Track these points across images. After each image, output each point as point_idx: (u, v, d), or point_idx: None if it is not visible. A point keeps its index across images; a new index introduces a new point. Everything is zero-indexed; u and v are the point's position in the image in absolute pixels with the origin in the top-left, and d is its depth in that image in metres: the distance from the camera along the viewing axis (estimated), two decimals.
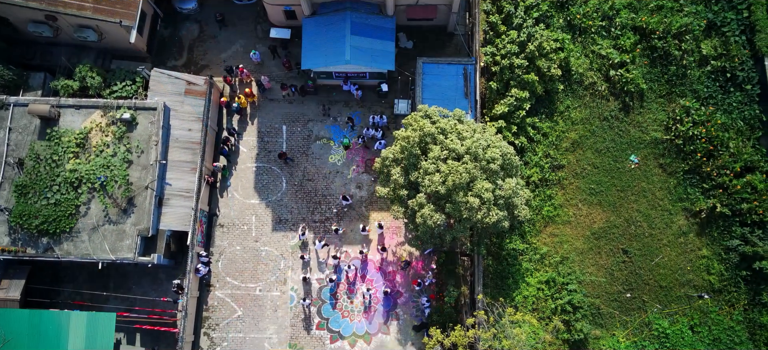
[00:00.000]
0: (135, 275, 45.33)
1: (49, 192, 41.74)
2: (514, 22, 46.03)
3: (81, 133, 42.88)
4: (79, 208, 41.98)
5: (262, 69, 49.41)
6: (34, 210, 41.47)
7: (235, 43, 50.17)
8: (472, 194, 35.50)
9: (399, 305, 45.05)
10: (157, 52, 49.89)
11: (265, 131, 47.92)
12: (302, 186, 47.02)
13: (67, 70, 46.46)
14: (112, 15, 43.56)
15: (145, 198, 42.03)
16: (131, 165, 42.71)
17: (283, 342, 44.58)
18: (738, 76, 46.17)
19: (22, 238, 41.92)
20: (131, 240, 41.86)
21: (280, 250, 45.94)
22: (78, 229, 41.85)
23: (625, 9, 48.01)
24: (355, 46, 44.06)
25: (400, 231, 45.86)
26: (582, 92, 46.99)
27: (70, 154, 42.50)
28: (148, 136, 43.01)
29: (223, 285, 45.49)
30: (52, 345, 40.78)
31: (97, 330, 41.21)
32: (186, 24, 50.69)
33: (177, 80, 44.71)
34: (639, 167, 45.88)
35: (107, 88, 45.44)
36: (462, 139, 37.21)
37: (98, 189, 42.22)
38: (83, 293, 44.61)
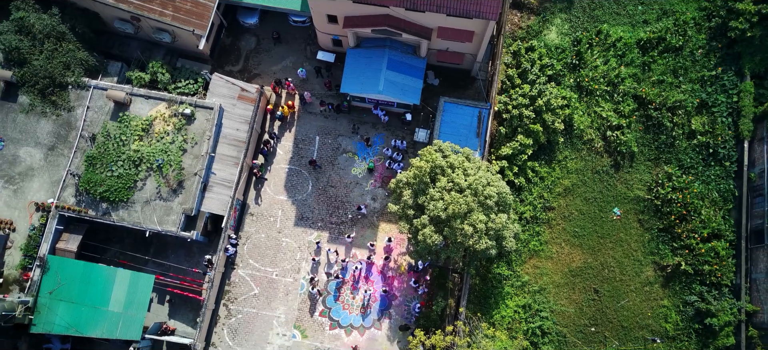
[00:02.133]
0: (173, 246, 51.45)
1: (114, 166, 48.34)
2: (529, 78, 51.91)
3: (147, 119, 49.44)
4: (137, 183, 48.51)
5: (306, 85, 54.95)
6: (100, 180, 48.06)
7: (286, 59, 55.93)
8: (467, 223, 41.20)
9: (393, 306, 50.85)
10: (218, 57, 55.69)
11: (300, 139, 53.86)
12: (325, 191, 52.89)
13: (140, 63, 52.77)
14: (187, 23, 49.90)
15: (193, 183, 48.57)
16: (185, 153, 49.13)
17: (290, 323, 50.56)
18: (719, 153, 51.86)
19: (86, 201, 48.51)
20: (176, 217, 48.40)
21: (299, 243, 51.91)
22: (133, 201, 48.41)
23: (630, 78, 53.68)
24: (388, 79, 49.94)
25: (403, 243, 51.59)
26: (580, 146, 52.89)
27: (135, 137, 48.99)
28: (203, 130, 49.62)
29: (245, 266, 51.66)
30: (98, 294, 46.72)
31: (137, 287, 47.31)
32: (246, 36, 56.48)
33: (232, 86, 51.15)
34: (620, 219, 51.91)
35: (173, 84, 51.79)
36: (466, 175, 42.79)
37: (155, 169, 48.72)
38: (128, 254, 50.47)
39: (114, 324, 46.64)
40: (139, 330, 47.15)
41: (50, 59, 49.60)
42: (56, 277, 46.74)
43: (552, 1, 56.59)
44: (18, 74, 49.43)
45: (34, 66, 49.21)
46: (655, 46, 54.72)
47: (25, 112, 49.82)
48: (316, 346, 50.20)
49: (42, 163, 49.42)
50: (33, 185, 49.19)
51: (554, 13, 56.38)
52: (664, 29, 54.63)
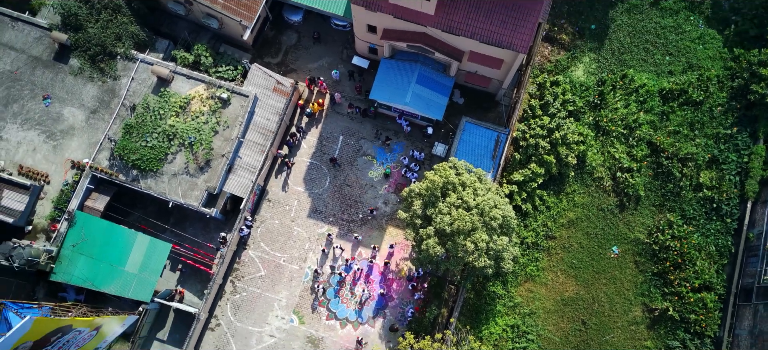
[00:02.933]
0: (192, 219, 54.42)
1: (149, 137, 51.39)
2: (550, 110, 54.07)
3: (186, 98, 52.43)
4: (168, 156, 51.52)
5: (337, 86, 57.57)
6: (134, 148, 51.14)
7: (322, 58, 58.59)
8: (470, 240, 43.53)
9: (389, 307, 53.42)
10: (259, 48, 58.42)
11: (325, 136, 56.56)
12: (341, 189, 55.54)
13: (186, 43, 55.74)
14: (236, 13, 52.84)
15: (220, 163, 51.51)
16: (216, 134, 52.06)
17: (290, 307, 53.36)
18: (723, 209, 53.67)
19: (118, 166, 51.59)
20: (199, 192, 51.37)
21: (309, 234, 54.67)
22: (162, 172, 51.43)
23: (647, 125, 55.68)
24: (416, 92, 52.40)
25: (406, 249, 54.10)
26: (589, 182, 55.06)
27: (172, 112, 51.98)
28: (236, 115, 52.52)
29: (256, 248, 54.48)
30: (117, 254, 49.65)
31: (154, 253, 50.13)
32: (288, 32, 59.26)
33: (269, 78, 53.98)
34: (617, 258, 54.03)
35: (214, 68, 54.67)
36: (476, 195, 45.07)
37: (186, 146, 51.68)
38: (149, 221, 53.36)
39: (128, 284, 49.50)
40: (150, 293, 49.96)
41: (104, 29, 52.73)
42: (81, 232, 49.68)
43: (583, 40, 58.59)
44: (73, 39, 52.58)
45: (88, 33, 52.38)
46: (677, 97, 56.52)
47: (74, 75, 53.03)
48: (311, 333, 52.88)
49: (83, 124, 52.50)
50: (72, 144, 52.27)
51: (584, 51, 58.44)
52: (688, 82, 56.36)
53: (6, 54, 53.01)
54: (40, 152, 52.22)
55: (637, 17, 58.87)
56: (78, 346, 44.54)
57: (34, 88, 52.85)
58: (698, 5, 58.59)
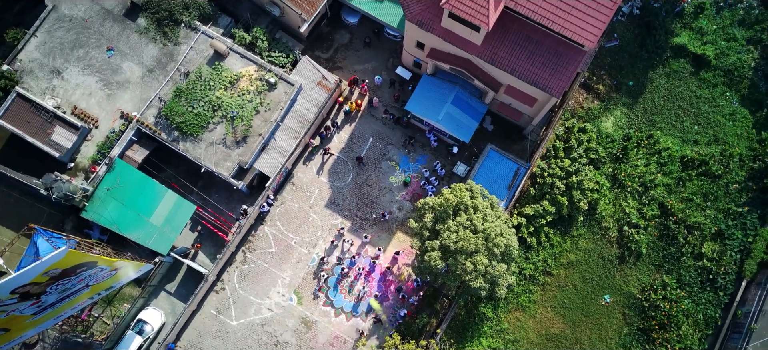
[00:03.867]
0: (219, 187, 57.70)
1: (195, 104, 54.94)
2: (572, 155, 56.41)
3: (236, 75, 55.77)
4: (209, 125, 55.02)
5: (377, 91, 60.32)
6: (180, 111, 54.71)
7: (369, 62, 61.42)
8: (470, 261, 46.26)
9: (383, 305, 56.34)
10: (312, 40, 61.25)
11: (356, 135, 59.47)
12: (361, 187, 58.47)
13: (246, 24, 58.85)
14: (298, 5, 55.94)
15: (255, 141, 54.97)
16: (257, 114, 55.43)
17: (292, 286, 56.59)
18: (718, 282, 55.79)
19: (162, 125, 55.20)
20: (231, 164, 54.83)
21: (323, 223, 57.75)
22: (201, 138, 54.95)
23: (663, 187, 57.85)
24: (449, 113, 55.21)
25: (410, 256, 56.83)
26: (596, 229, 57.41)
27: (221, 86, 55.40)
28: (279, 100, 55.84)
29: (272, 225, 57.69)
30: (145, 205, 53.27)
31: (178, 210, 53.68)
32: (342, 31, 62.12)
33: (316, 71, 57.13)
34: (607, 306, 56.48)
35: (268, 52, 57.78)
36: (485, 219, 47.74)
37: (228, 119, 55.11)
38: (180, 180, 56.68)
39: (149, 235, 52.99)
40: (168, 247, 53.31)
41: None
42: (117, 178, 53.33)
43: (619, 94, 60.57)
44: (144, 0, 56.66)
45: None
46: (697, 166, 58.48)
47: (139, 33, 56.81)
48: (306, 315, 56.08)
49: (138, 80, 56.22)
50: (125, 96, 56.05)
51: (617, 104, 60.46)
52: (710, 155, 58.25)
53: (82, 2, 56.95)
54: (95, 98, 56.09)
55: (675, 83, 60.75)
56: (96, 281, 47.89)
57: (100, 38, 56.80)
58: (736, 83, 60.28)
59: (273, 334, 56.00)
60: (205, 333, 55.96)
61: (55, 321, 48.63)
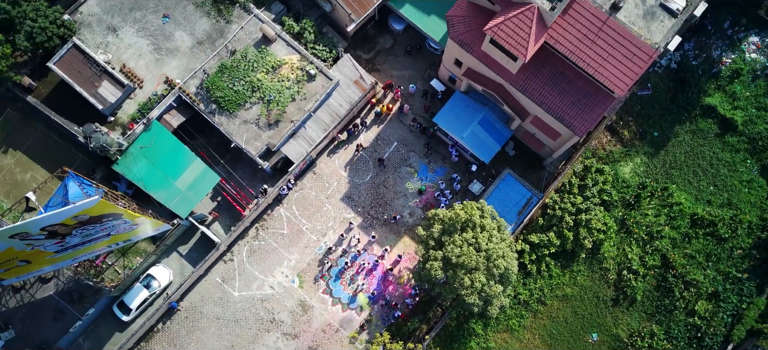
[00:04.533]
0: (244, 163, 60.14)
1: (236, 82, 57.47)
2: (585, 193, 57.99)
3: (279, 61, 58.08)
4: (246, 104, 57.53)
5: (409, 99, 62.25)
6: (221, 86, 57.24)
7: (406, 70, 63.37)
8: (469, 277, 48.21)
9: (378, 305, 58.69)
10: (356, 40, 63.33)
11: (382, 136, 61.44)
12: (378, 187, 60.66)
13: (297, 14, 60.99)
14: (349, 5, 57.91)
15: (287, 127, 57.52)
16: (293, 101, 57.85)
17: (296, 270, 59.15)
18: (705, 341, 57.49)
19: (202, 96, 57.77)
20: (260, 144, 57.38)
21: (336, 214, 60.08)
22: (236, 115, 57.46)
23: (668, 239, 59.25)
24: (475, 132, 57.20)
25: (413, 261, 58.99)
26: (596, 268, 59.03)
27: (263, 69, 57.80)
28: (315, 92, 58.24)
29: (287, 208, 60.08)
30: (173, 168, 55.97)
31: (203, 179, 56.38)
32: (386, 36, 64.14)
33: (355, 70, 59.35)
34: (593, 344, 58.23)
35: (312, 44, 59.89)
36: (490, 240, 49.63)
37: (265, 101, 57.56)
38: (209, 151, 59.08)
39: (172, 196, 55.66)
40: (188, 211, 56.02)
41: None
42: (151, 138, 56.11)
43: (642, 142, 61.85)
44: None
45: None
46: (705, 226, 59.66)
47: (195, 6, 59.50)
48: (305, 299, 58.69)
49: (187, 50, 58.87)
50: (172, 62, 58.69)
51: (639, 152, 61.76)
52: (720, 217, 59.42)
53: None
54: (144, 60, 58.79)
55: (699, 141, 61.87)
56: (117, 232, 50.82)
57: (158, 4, 59.69)
58: (759, 152, 61.23)
59: (270, 311, 58.60)
60: (208, 299, 58.69)
61: (73, 261, 51.99)
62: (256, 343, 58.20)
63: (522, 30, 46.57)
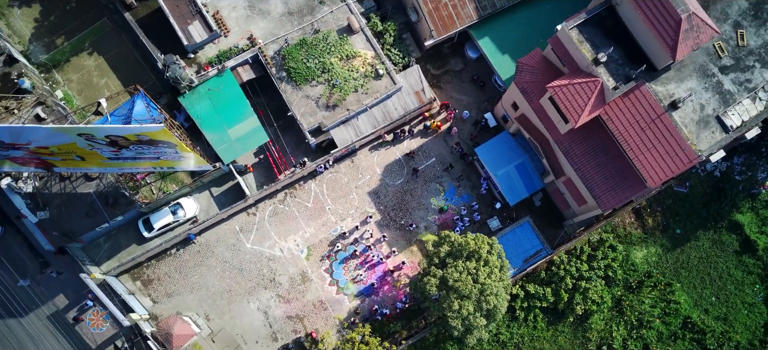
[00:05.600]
0: (293, 133, 63.36)
1: (310, 59, 60.69)
2: (593, 264, 60.63)
3: (355, 52, 61.46)
4: (312, 81, 60.61)
5: (460, 123, 64.88)
6: (296, 58, 60.31)
7: (466, 96, 65.77)
8: (459, 302, 51.10)
9: (369, 298, 62.22)
10: (429, 54, 65.75)
11: (423, 149, 64.11)
12: (405, 193, 63.60)
13: (384, 15, 64.23)
14: (433, 22, 60.51)
15: (342, 113, 60.69)
16: (355, 93, 60.86)
17: (308, 243, 62.68)
18: None
19: (277, 61, 60.78)
20: (313, 121, 60.63)
21: (359, 205, 63.35)
22: (301, 88, 60.60)
23: (656, 331, 62.02)
24: (509, 173, 59.86)
25: (413, 271, 62.25)
26: (579, 334, 61.76)
27: (338, 55, 61.23)
28: (377, 90, 61.12)
29: (318, 185, 63.33)
30: (230, 117, 59.28)
31: (254, 135, 59.67)
32: (458, 59, 66.39)
33: (419, 83, 62.10)
34: None
35: (389, 47, 62.95)
36: (489, 276, 52.08)
37: (330, 84, 60.83)
38: (266, 111, 62.30)
39: (222, 141, 59.20)
40: (230, 159, 59.88)
41: None
42: (220, 84, 59.47)
43: (662, 235, 63.97)
44: None
45: None
46: (695, 331, 62.02)
47: None
48: (306, 270, 62.19)
49: (276, 15, 61.92)
50: (260, 23, 61.78)
51: (656, 243, 63.99)
52: (712, 329, 61.57)
53: None
54: (236, 13, 61.84)
55: (717, 252, 63.91)
56: (165, 158, 54.40)
57: None
58: None
59: (273, 271, 62.28)
60: (222, 241, 62.28)
61: (119, 171, 56.07)
62: (251, 295, 61.95)
63: (581, 98, 49.15)
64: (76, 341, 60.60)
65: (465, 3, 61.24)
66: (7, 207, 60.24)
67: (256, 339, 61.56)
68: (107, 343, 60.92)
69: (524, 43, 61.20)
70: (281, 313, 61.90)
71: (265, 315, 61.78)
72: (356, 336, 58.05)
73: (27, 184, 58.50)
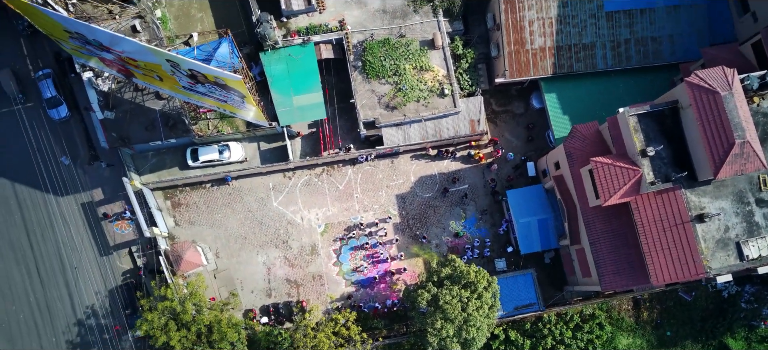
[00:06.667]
0: (348, 119, 66.52)
1: (388, 59, 64.08)
2: (577, 334, 63.62)
3: (429, 66, 64.38)
4: (382, 79, 64.19)
5: (501, 163, 67.10)
6: (375, 53, 63.97)
7: (516, 139, 68.41)
8: (442, 322, 53.62)
9: (365, 288, 65.56)
10: (497, 90, 68.06)
11: (460, 174, 66.70)
12: (428, 208, 66.41)
13: (468, 41, 66.58)
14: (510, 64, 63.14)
15: (397, 116, 63.57)
16: (417, 102, 64.08)
17: (328, 220, 66.27)
18: None
19: (357, 50, 64.39)
20: (371, 114, 63.65)
21: (384, 203, 66.43)
22: (369, 81, 64.21)
23: None
24: (530, 224, 62.42)
25: (411, 280, 65.31)
26: None
27: (413, 63, 64.49)
28: (437, 107, 64.21)
29: (354, 172, 66.71)
30: (299, 85, 62.64)
31: (314, 108, 63.28)
32: (521, 102, 68.91)
33: (477, 113, 64.89)
34: None
35: (462, 71, 65.58)
36: (477, 310, 53.98)
37: (397, 87, 64.21)
38: (332, 91, 65.78)
39: (284, 104, 62.88)
40: (287, 122, 63.63)
41: None
42: (300, 53, 63.11)
43: (652, 331, 66.18)
44: None
45: None
46: None
47: None
48: (316, 244, 65.85)
49: (371, 10, 65.33)
50: (354, 11, 65.20)
51: (644, 336, 66.60)
52: None
53: None
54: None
55: None
56: (230, 103, 57.86)
57: None
58: None
59: (288, 234, 66.06)
60: (253, 192, 66.13)
61: (187, 99, 59.69)
62: (262, 249, 65.76)
63: (617, 181, 51.13)
64: (99, 234, 65.10)
65: (545, 56, 63.67)
66: (80, 97, 64.66)
67: (252, 289, 65.46)
68: (123, 246, 65.40)
69: (585, 112, 63.84)
70: (282, 274, 65.59)
71: (267, 271, 65.56)
72: (341, 318, 61.05)
73: (105, 83, 62.17)
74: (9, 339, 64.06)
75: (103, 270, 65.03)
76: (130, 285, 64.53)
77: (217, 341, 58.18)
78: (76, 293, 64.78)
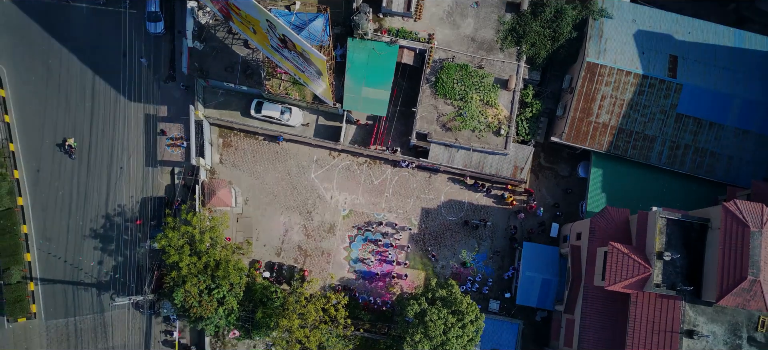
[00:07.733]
0: (404, 123, 69.93)
1: (459, 82, 67.01)
2: None
3: (495, 103, 66.99)
4: (448, 100, 67.24)
5: (529, 213, 69.26)
6: (450, 74, 66.70)
7: (551, 198, 70.63)
8: (421, 336, 56.84)
9: (365, 280, 68.84)
10: (551, 145, 69.82)
11: (486, 211, 69.78)
12: (446, 230, 69.58)
13: (538, 92, 68.53)
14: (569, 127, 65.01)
15: (449, 137, 67.00)
16: (470, 131, 66.95)
17: (353, 206, 70.07)
18: None
19: (434, 65, 67.21)
20: (425, 127, 67.00)
21: (410, 211, 69.69)
22: (435, 97, 67.33)
23: None
24: (534, 279, 65.23)
25: (407, 288, 68.47)
26: None
27: (481, 96, 66.95)
28: (488, 143, 67.20)
29: (393, 173, 70.03)
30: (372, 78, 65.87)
31: (377, 103, 66.40)
32: (568, 165, 71.07)
33: (524, 161, 67.64)
34: None
35: (524, 118, 67.90)
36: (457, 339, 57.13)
37: (458, 112, 67.00)
38: (399, 93, 69.38)
39: (352, 91, 66.01)
40: (349, 107, 66.86)
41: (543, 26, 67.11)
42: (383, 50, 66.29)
43: None
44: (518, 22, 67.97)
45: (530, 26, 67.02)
46: None
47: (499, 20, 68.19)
48: (336, 226, 69.63)
49: (460, 34, 68.07)
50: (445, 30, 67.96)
51: None
52: None
53: None
54: (435, 9, 68.44)
55: None
56: (307, 74, 61.31)
57: None
58: None
59: (314, 206, 69.96)
60: (297, 158, 70.36)
61: (269, 56, 63.42)
62: (287, 211, 69.95)
63: (626, 272, 52.86)
64: (151, 145, 70.04)
65: (606, 133, 65.32)
66: (178, 20, 69.52)
67: (265, 243, 69.71)
68: (169, 164, 70.44)
69: (623, 197, 65.79)
70: (297, 240, 69.58)
71: (285, 232, 69.76)
72: (334, 298, 63.69)
73: (204, 16, 66.64)
74: (44, 208, 69.51)
75: (144, 178, 69.82)
76: (162, 200, 69.21)
77: (219, 277, 61.89)
78: (113, 190, 69.83)
